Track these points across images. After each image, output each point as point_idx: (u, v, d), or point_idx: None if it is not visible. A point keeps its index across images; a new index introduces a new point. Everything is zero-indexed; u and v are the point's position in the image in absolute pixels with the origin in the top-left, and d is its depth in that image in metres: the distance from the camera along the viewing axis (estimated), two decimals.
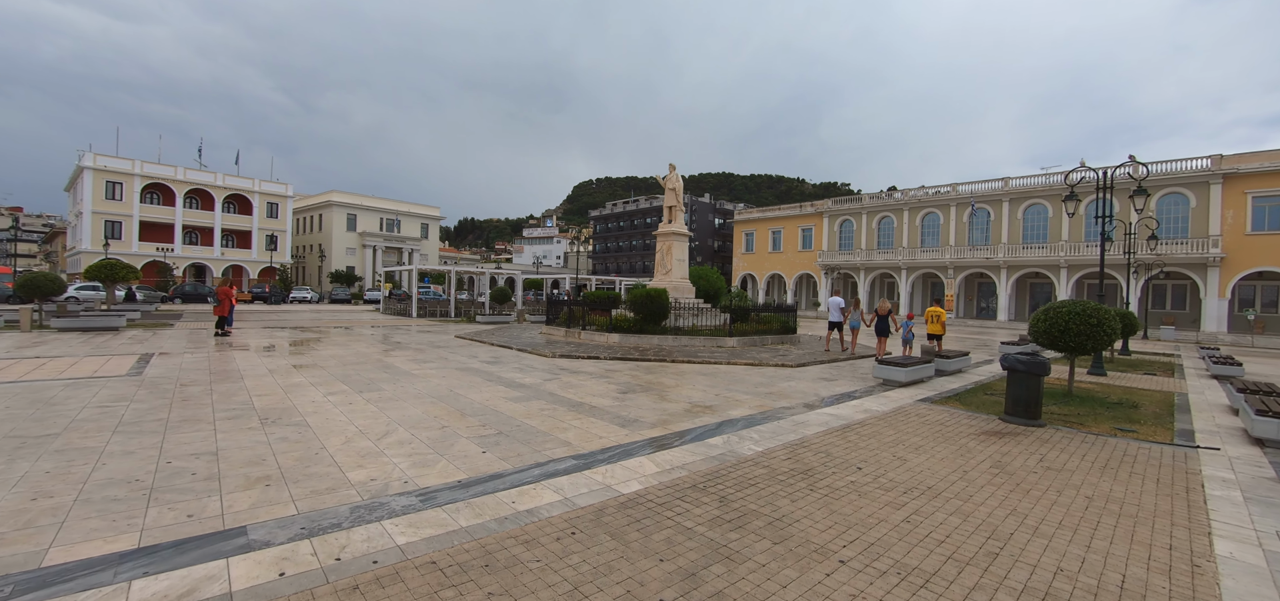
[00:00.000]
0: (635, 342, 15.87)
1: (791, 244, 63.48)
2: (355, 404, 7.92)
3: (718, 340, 16.01)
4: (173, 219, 57.77)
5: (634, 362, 13.11)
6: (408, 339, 17.91)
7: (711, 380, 11.09)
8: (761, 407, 8.61)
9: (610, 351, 14.29)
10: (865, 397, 9.80)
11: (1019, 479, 5.61)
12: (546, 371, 11.52)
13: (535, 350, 14.44)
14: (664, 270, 20.07)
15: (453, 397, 8.56)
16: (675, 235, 20.06)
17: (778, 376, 11.92)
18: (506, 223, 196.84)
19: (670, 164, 20.70)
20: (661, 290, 16.81)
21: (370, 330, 21.05)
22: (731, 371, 12.34)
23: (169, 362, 11.36)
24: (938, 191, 53.96)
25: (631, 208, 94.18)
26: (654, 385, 10.29)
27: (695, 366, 12.81)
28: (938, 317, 15.61)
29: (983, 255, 48.54)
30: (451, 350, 15.01)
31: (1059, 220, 46.42)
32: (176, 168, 58.50)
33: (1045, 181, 47.55)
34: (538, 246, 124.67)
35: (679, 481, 5.09)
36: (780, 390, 10.25)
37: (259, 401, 7.91)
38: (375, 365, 11.80)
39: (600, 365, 12.57)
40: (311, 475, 4.94)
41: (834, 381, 11.62)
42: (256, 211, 63.09)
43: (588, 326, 17.30)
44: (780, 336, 17.83)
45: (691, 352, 14.40)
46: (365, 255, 70.97)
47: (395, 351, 14.35)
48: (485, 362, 12.66)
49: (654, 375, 11.49)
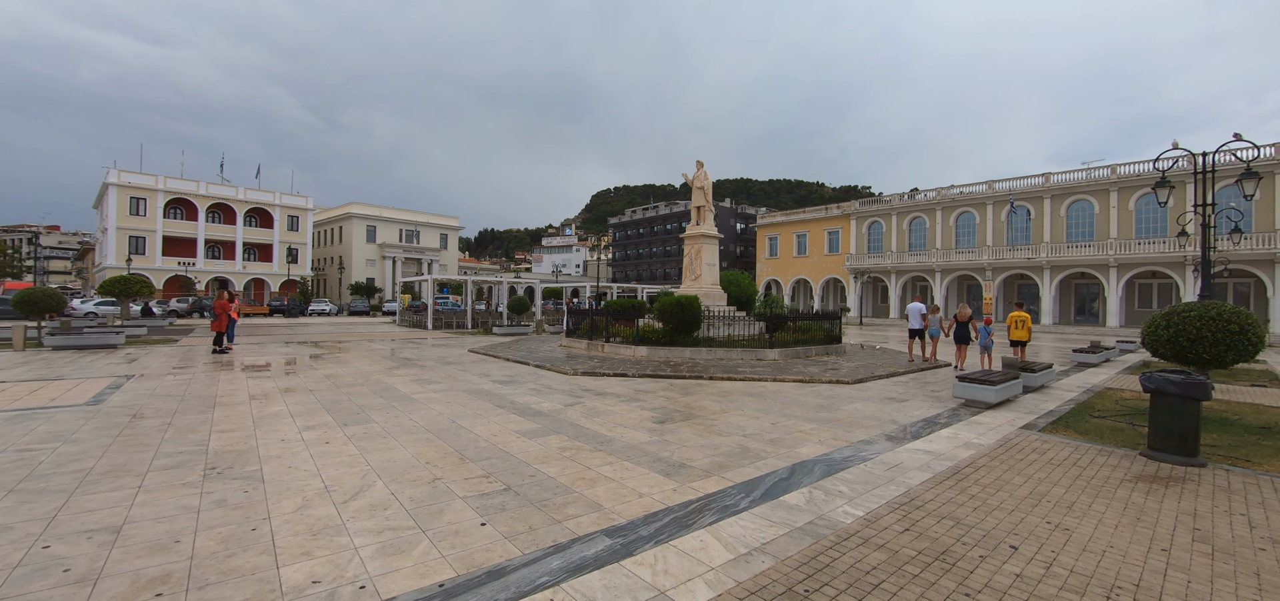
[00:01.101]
0: (665, 356, 14.24)
1: (818, 247, 61.26)
2: (332, 443, 6.43)
3: (757, 352, 14.30)
4: (195, 233, 57.99)
5: (666, 380, 11.48)
6: (418, 353, 16.54)
7: (761, 403, 9.40)
8: (835, 442, 6.91)
9: (638, 367, 12.68)
10: (955, 425, 8.01)
11: (1244, 560, 3.84)
12: (567, 393, 9.95)
13: (554, 366, 12.89)
14: (693, 276, 18.41)
15: (454, 432, 7.03)
16: (705, 238, 18.41)
17: (837, 396, 10.17)
18: (526, 232, 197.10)
19: (698, 161, 19.08)
20: (693, 297, 15.16)
21: (380, 344, 19.78)
22: (780, 391, 10.62)
23: (140, 387, 10.07)
24: (972, 190, 51.39)
25: (651, 214, 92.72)
26: (695, 410, 8.64)
27: (737, 385, 11.12)
28: (1023, 323, 13.63)
29: (1024, 255, 45.85)
30: (463, 367, 13.55)
31: (1106, 217, 43.61)
32: (199, 183, 58.76)
33: (1087, 176, 44.78)
34: (557, 255, 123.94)
35: (766, 581, 3.44)
36: (847, 416, 8.52)
37: (218, 439, 6.47)
38: (372, 387, 10.36)
39: (629, 384, 10.96)
40: (230, 575, 3.40)
41: (904, 401, 9.83)
42: (277, 224, 63.13)
43: (612, 338, 15.73)
44: (824, 347, 16.02)
45: (730, 367, 12.70)
46: (385, 266, 70.64)
47: (400, 369, 12.93)
48: (498, 382, 11.14)
49: (692, 396, 9.84)
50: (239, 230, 60.83)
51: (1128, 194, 43.15)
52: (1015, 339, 13.77)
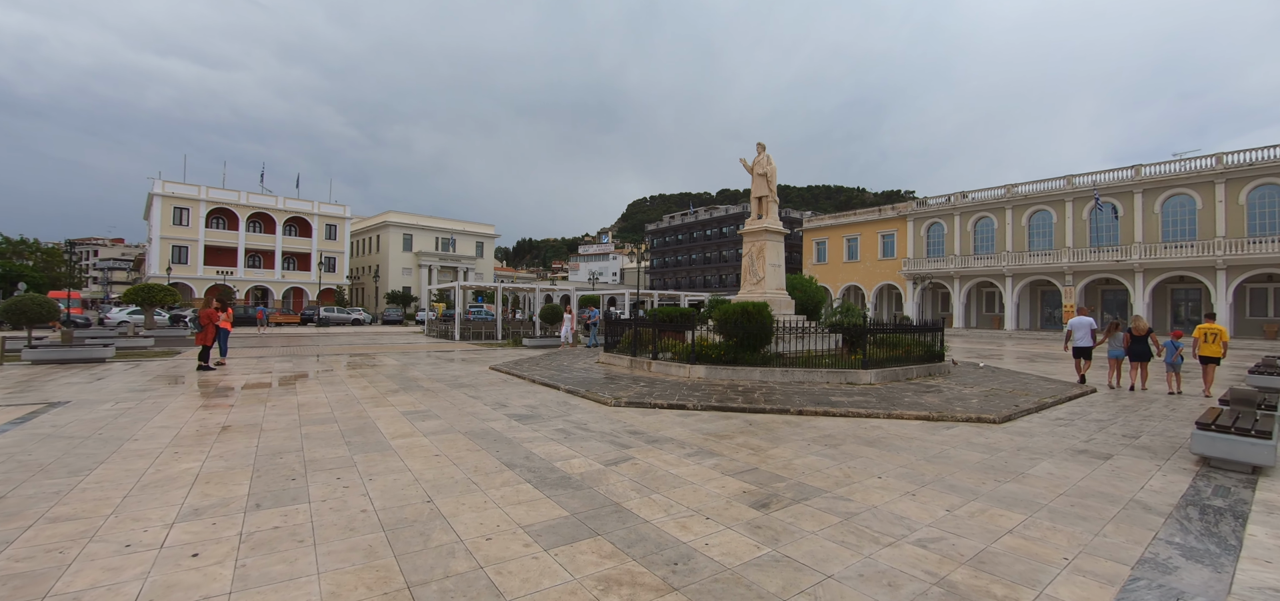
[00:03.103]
0: (729, 378, 11.26)
1: (870, 252, 57.00)
2: (204, 554, 3.76)
3: (845, 374, 11.15)
4: (236, 242, 58.16)
5: (739, 415, 8.50)
6: (432, 371, 14.02)
7: (894, 459, 6.34)
8: (1101, 561, 3.83)
9: (697, 394, 9.75)
10: (1262, 518, 4.80)
11: None
12: (608, 438, 7.10)
13: (590, 392, 10.06)
14: (754, 278, 15.36)
15: (419, 528, 4.26)
16: (769, 234, 15.36)
17: (996, 446, 6.99)
18: (562, 242, 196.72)
19: (759, 143, 16.08)
20: (761, 304, 12.12)
21: (396, 358, 17.45)
22: (904, 434, 7.50)
23: (52, 420, 7.75)
24: (1048, 185, 46.48)
25: (690, 220, 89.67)
26: (803, 476, 5.66)
27: (838, 423, 8.04)
28: (1216, 336, 11.33)
29: (1112, 258, 40.76)
30: (477, 390, 10.90)
31: (1211, 212, 38.27)
32: (240, 192, 59.03)
33: (1186, 167, 39.47)
34: (593, 263, 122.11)
35: None
36: (1051, 488, 5.39)
37: (31, 536, 3.90)
38: (346, 426, 7.75)
39: (690, 422, 8.03)
40: None
41: (1108, 457, 6.59)
42: (315, 233, 63.00)
43: (660, 354, 12.84)
44: (925, 366, 12.70)
45: (818, 396, 9.63)
46: (421, 275, 69.85)
47: (398, 394, 10.34)
48: (515, 417, 8.38)
49: (787, 446, 6.84)
50: (278, 239, 60.85)
51: (1237, 186, 37.83)
52: (1206, 354, 11.40)
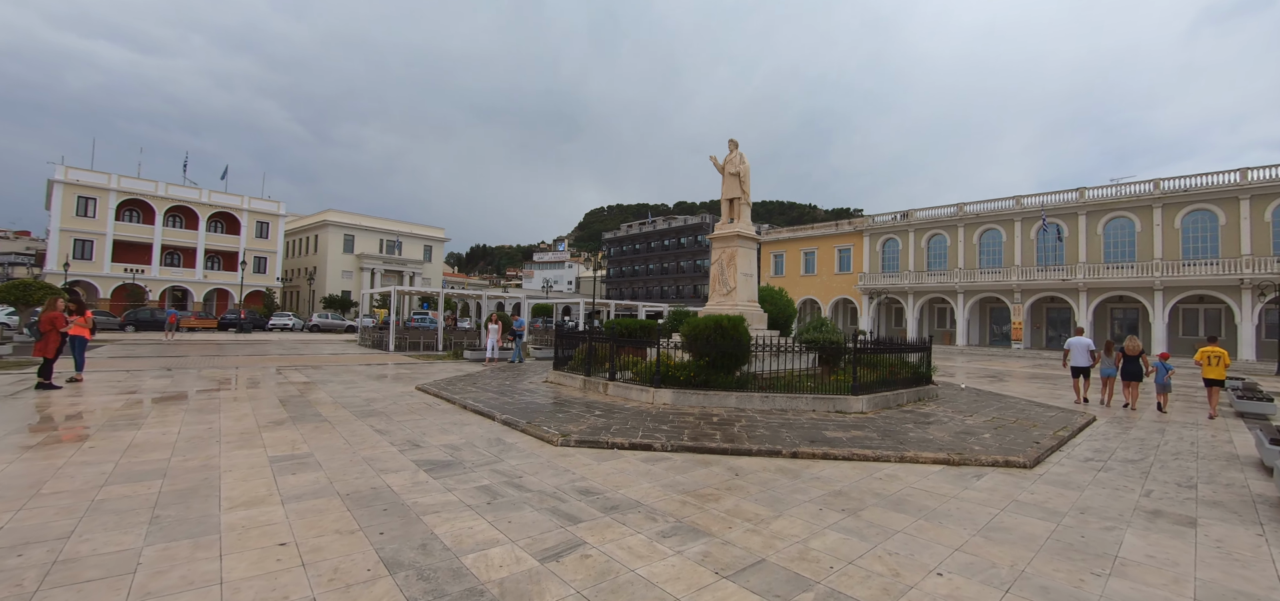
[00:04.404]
0: (700, 405, 9.59)
1: (827, 266, 57.10)
2: None
3: (834, 401, 9.66)
4: (151, 238, 52.76)
5: (722, 458, 6.81)
6: (341, 393, 11.72)
7: (945, 534, 4.76)
8: None
9: (666, 428, 8.01)
10: None
11: None
12: (549, 507, 5.22)
13: (532, 425, 8.13)
14: (724, 288, 13.80)
15: None
16: (741, 239, 13.84)
17: (1073, 512, 5.54)
18: (518, 249, 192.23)
19: (731, 140, 14.59)
20: (737, 318, 10.51)
21: (307, 374, 14.95)
22: (935, 489, 5.97)
23: None
24: (998, 206, 47.52)
25: (648, 230, 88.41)
26: (839, 574, 3.99)
27: (849, 473, 6.45)
28: (1219, 359, 11.28)
29: (1058, 277, 41.72)
30: (391, 419, 8.81)
31: (1150, 236, 39.72)
32: (157, 183, 53.70)
33: (1123, 191, 40.92)
34: (548, 271, 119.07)
35: None
36: (1212, 594, 3.92)
37: None
38: (165, 492, 5.58)
39: (661, 473, 6.26)
40: None
41: (1196, 520, 5.24)
42: (244, 231, 58.06)
43: (618, 373, 11.05)
44: (914, 390, 11.41)
45: (809, 431, 8.06)
46: (362, 278, 65.56)
47: (276, 430, 8.05)
48: (429, 466, 6.38)
49: (798, 518, 5.17)
50: (201, 236, 55.70)
51: (1173, 211, 39.44)
52: (1209, 377, 11.38)
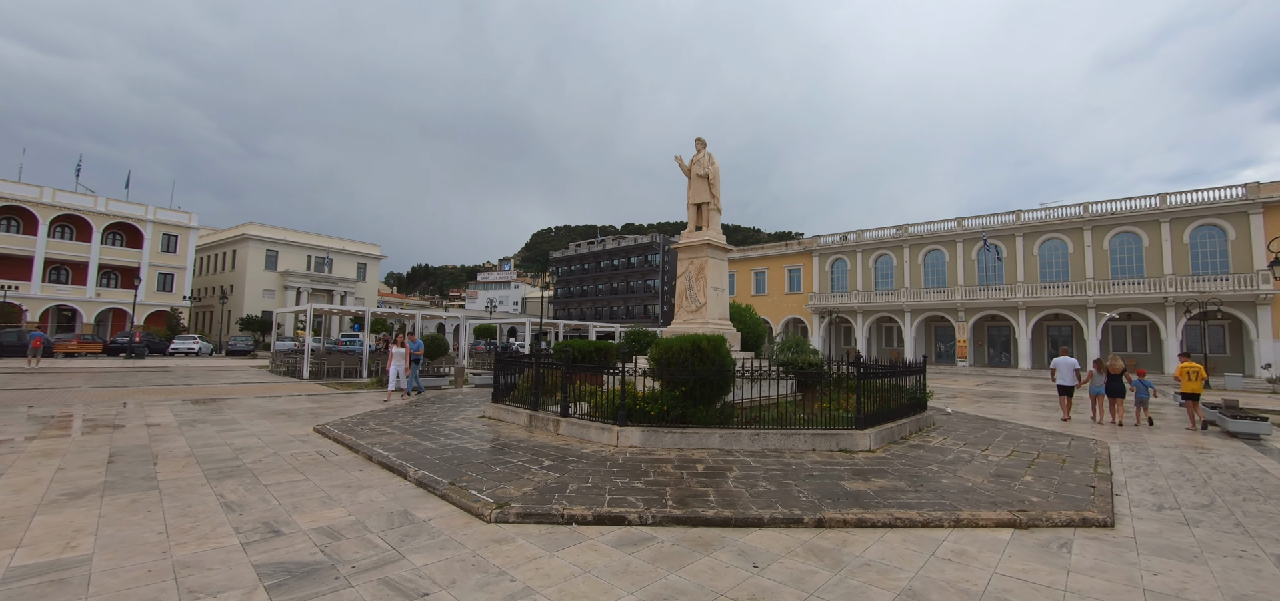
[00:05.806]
0: (678, 448, 7.77)
1: (777, 285, 57.05)
2: None
3: (836, 436, 8.08)
4: (32, 250, 46.25)
5: (724, 532, 5.00)
6: (210, 437, 9.13)
7: None
8: None
9: (639, 486, 6.13)
10: None
11: None
12: None
13: (455, 487, 6.01)
14: (693, 304, 12.11)
15: None
16: (712, 248, 12.25)
17: None
18: (462, 269, 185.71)
19: (698, 139, 13.08)
20: (717, 338, 8.79)
21: (182, 411, 12.09)
22: (1024, 572, 4.39)
23: None
24: (941, 226, 48.68)
25: (597, 249, 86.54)
26: None
27: (905, 555, 4.76)
28: (1197, 374, 11.75)
29: (998, 296, 42.81)
30: (257, 481, 6.51)
31: (1080, 256, 41.44)
32: (42, 188, 47.31)
33: (1055, 214, 42.74)
34: (494, 291, 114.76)
35: None
36: None
37: None
38: None
39: (641, 570, 4.35)
40: None
41: None
42: (148, 244, 52.04)
43: (572, 406, 9.08)
44: (914, 419, 10.03)
45: (822, 481, 6.39)
46: (287, 298, 60.17)
47: (80, 504, 5.57)
48: (283, 574, 4.27)
49: None
50: (94, 249, 49.39)
51: (1102, 232, 41.33)
52: (1188, 392, 11.89)
